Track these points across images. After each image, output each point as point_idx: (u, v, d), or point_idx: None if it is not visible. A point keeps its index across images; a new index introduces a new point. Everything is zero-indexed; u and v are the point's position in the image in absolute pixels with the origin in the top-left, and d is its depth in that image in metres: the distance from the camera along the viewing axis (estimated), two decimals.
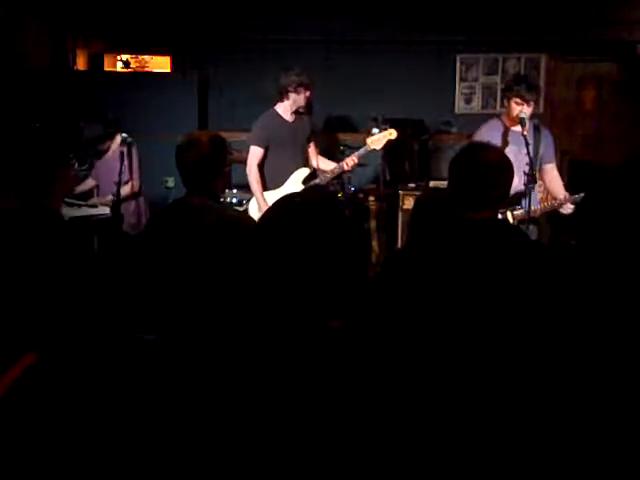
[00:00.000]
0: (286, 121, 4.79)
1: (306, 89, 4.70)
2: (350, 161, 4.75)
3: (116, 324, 2.42)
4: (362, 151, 4.78)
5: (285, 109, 4.78)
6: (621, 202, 1.91)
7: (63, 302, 2.13)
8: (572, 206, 3.99)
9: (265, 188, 4.77)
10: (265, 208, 4.99)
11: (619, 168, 1.94)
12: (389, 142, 4.76)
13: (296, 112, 4.80)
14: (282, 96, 4.76)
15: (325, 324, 1.49)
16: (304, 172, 4.83)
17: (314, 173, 4.90)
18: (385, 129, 4.75)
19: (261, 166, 4.77)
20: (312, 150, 4.95)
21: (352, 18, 6.63)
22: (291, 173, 4.80)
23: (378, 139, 4.72)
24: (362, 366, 1.49)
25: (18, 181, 2.21)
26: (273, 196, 4.78)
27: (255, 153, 4.72)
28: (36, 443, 1.97)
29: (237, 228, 2.62)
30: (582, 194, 4.09)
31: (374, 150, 4.78)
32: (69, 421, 2.04)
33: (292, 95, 4.72)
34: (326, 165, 4.94)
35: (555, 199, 4.14)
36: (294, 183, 4.79)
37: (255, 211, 4.81)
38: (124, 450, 2.07)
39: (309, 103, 4.80)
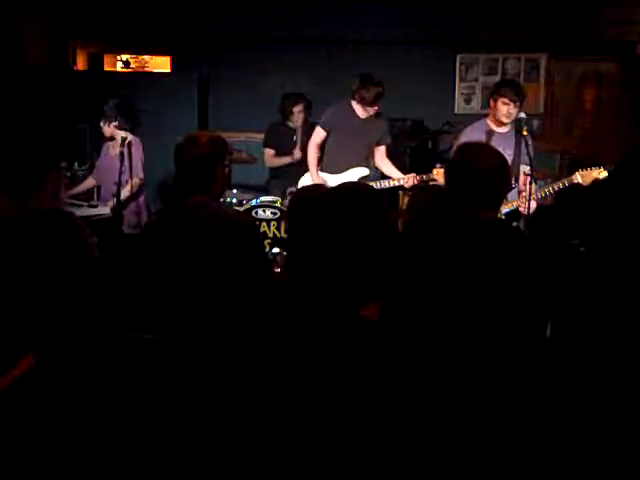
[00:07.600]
0: (356, 115, 4.82)
1: (365, 105, 4.70)
2: (414, 180, 4.76)
3: (117, 324, 2.42)
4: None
5: (357, 106, 4.80)
6: (620, 199, 1.91)
7: (62, 303, 2.13)
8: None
9: (321, 169, 4.91)
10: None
11: (617, 166, 1.94)
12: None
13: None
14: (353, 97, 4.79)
15: (356, 312, 1.48)
16: (363, 172, 4.87)
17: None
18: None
19: (322, 148, 4.91)
20: (380, 153, 4.98)
21: (352, 18, 6.63)
22: (348, 165, 4.85)
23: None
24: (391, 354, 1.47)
25: (8, 180, 2.18)
26: (327, 179, 4.87)
27: (317, 133, 4.90)
28: (34, 443, 1.97)
29: (237, 227, 2.62)
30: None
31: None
32: (68, 422, 2.04)
33: (355, 103, 4.77)
34: (389, 171, 4.96)
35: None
36: (350, 177, 4.81)
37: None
38: (124, 450, 2.07)
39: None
